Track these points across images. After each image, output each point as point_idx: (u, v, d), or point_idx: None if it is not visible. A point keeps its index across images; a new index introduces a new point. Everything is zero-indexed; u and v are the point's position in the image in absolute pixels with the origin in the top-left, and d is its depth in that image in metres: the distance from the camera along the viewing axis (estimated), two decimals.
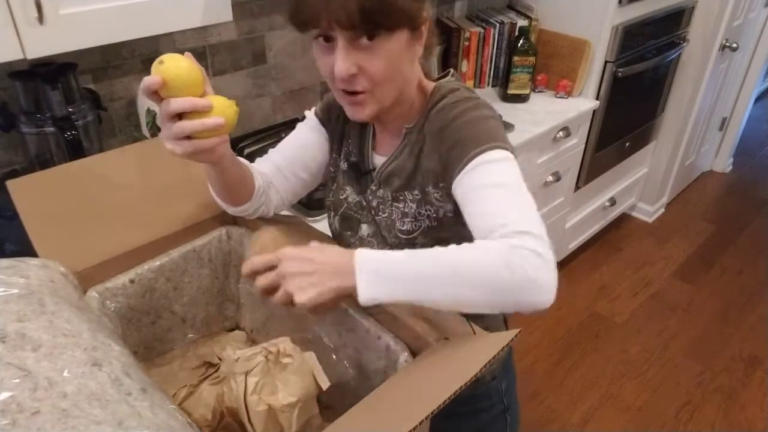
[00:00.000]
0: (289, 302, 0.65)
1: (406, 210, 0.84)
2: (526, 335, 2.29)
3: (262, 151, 1.57)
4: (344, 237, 0.94)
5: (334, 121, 0.94)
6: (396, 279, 0.64)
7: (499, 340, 0.60)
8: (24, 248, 0.77)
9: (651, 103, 2.56)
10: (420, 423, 0.51)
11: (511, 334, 0.60)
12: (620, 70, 2.16)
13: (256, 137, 1.67)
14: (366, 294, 0.63)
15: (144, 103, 1.38)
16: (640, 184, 2.92)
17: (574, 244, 2.63)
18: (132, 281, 0.85)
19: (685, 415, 2.00)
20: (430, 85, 0.84)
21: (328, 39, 0.72)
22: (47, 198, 0.79)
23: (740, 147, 3.51)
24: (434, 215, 0.82)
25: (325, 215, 1.00)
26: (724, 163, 3.47)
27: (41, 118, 1.23)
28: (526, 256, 0.62)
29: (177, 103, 0.67)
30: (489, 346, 0.61)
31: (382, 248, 0.87)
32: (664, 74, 2.51)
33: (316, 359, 0.76)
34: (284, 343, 0.75)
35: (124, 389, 0.56)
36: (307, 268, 0.64)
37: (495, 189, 0.70)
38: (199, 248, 0.93)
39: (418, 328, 0.73)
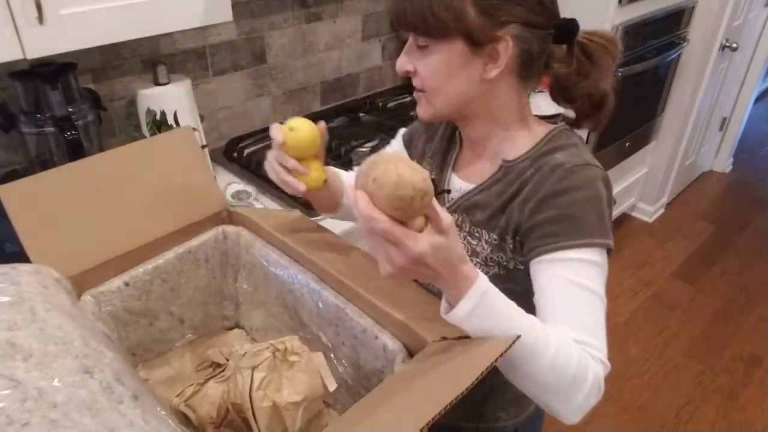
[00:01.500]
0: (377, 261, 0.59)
1: (478, 249, 0.80)
2: None
3: (261, 151, 1.58)
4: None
5: (417, 138, 0.95)
6: (492, 326, 0.61)
7: (498, 344, 0.60)
8: (24, 249, 0.77)
9: (651, 103, 2.56)
10: (421, 429, 0.51)
11: (509, 339, 0.60)
12: (620, 70, 2.16)
13: (255, 137, 1.67)
14: (458, 317, 0.60)
15: (144, 103, 1.38)
16: (640, 184, 2.91)
17: None
18: (127, 284, 0.85)
19: (685, 415, 2.00)
20: (541, 128, 0.80)
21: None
22: (39, 202, 0.79)
23: (740, 147, 3.51)
24: (505, 264, 0.78)
25: (326, 216, 1.00)
26: (724, 163, 3.47)
27: (41, 118, 1.23)
28: (595, 385, 0.63)
29: (286, 161, 0.81)
30: (487, 347, 0.60)
31: None
32: (664, 74, 2.50)
33: (323, 359, 0.76)
34: (292, 341, 0.75)
35: (116, 397, 0.55)
36: (421, 271, 0.57)
37: (587, 296, 0.67)
38: (195, 248, 0.93)
39: (415, 328, 0.73)
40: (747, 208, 3.15)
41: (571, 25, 0.76)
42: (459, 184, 0.85)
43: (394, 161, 0.53)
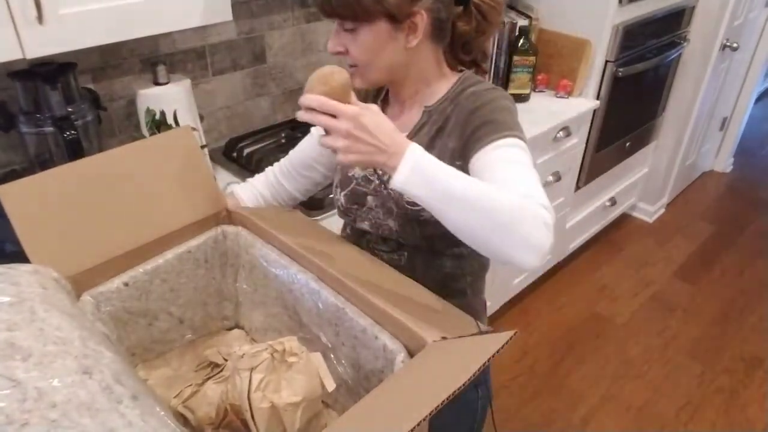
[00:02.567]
0: (331, 149, 0.72)
1: None
2: (527, 335, 2.29)
3: (261, 151, 1.58)
4: (351, 210, 0.99)
5: None
6: (430, 183, 0.70)
7: (495, 341, 0.60)
8: (23, 249, 0.77)
9: (651, 103, 2.56)
10: (418, 424, 0.51)
11: (507, 335, 0.60)
12: (621, 69, 2.16)
13: (255, 137, 1.67)
14: (399, 182, 0.70)
15: (143, 103, 1.38)
16: (641, 184, 2.91)
17: (574, 244, 2.62)
18: (126, 284, 0.85)
19: (686, 416, 2.00)
20: (454, 75, 0.92)
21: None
22: (38, 202, 0.78)
23: (741, 147, 3.51)
24: None
25: (324, 215, 1.02)
26: (724, 163, 3.47)
27: (41, 118, 1.23)
28: (537, 219, 0.69)
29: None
30: (485, 346, 0.61)
31: (387, 218, 0.94)
32: (664, 74, 2.50)
33: (322, 360, 0.76)
34: (291, 342, 0.75)
35: (115, 397, 0.55)
36: (365, 138, 0.70)
37: (518, 165, 0.78)
38: (195, 249, 0.92)
39: (415, 328, 0.73)
40: (747, 209, 3.15)
41: None
42: None
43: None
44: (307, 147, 1.08)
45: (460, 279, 0.98)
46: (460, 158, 0.85)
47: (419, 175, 0.70)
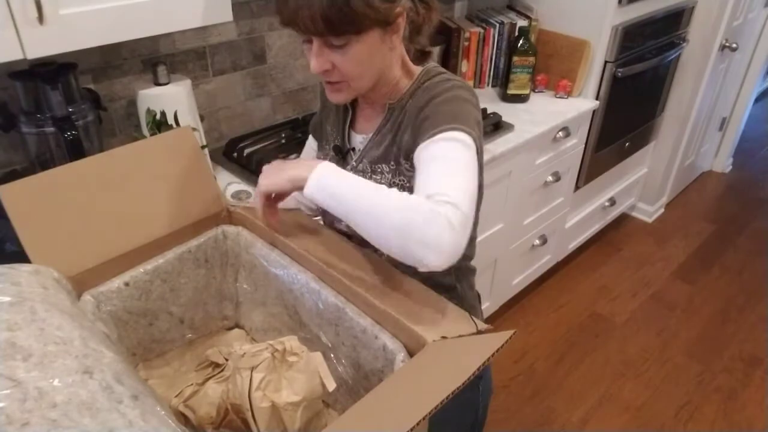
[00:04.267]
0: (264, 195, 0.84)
1: (382, 181, 0.92)
2: (526, 335, 2.29)
3: (261, 151, 1.58)
4: (327, 213, 0.97)
5: (319, 127, 1.06)
6: (334, 194, 0.75)
7: (495, 340, 0.61)
8: (24, 249, 0.77)
9: (651, 103, 2.56)
10: (418, 423, 0.52)
11: (506, 335, 0.60)
12: (620, 70, 2.16)
13: (255, 137, 1.67)
14: (309, 190, 0.76)
15: (144, 103, 1.38)
16: (640, 184, 2.92)
17: (573, 244, 2.63)
18: (127, 284, 0.85)
19: (685, 415, 2.00)
20: (416, 68, 0.92)
21: (309, 40, 0.81)
22: (39, 202, 0.79)
23: (740, 147, 3.51)
24: (407, 185, 0.89)
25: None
26: (723, 163, 3.47)
27: (41, 118, 1.23)
28: (436, 216, 0.69)
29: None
30: (485, 346, 0.61)
31: None
32: (663, 74, 2.51)
33: (322, 359, 0.77)
34: (291, 342, 0.75)
35: (115, 397, 0.55)
36: (278, 165, 0.82)
37: (442, 162, 0.77)
38: (195, 249, 0.93)
39: (415, 327, 0.73)
40: (747, 208, 3.15)
41: None
42: (359, 138, 0.97)
43: None
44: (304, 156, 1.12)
45: (445, 275, 0.98)
46: (412, 151, 0.85)
47: (324, 187, 0.75)
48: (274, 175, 0.80)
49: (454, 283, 1.00)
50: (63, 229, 0.81)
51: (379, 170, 0.92)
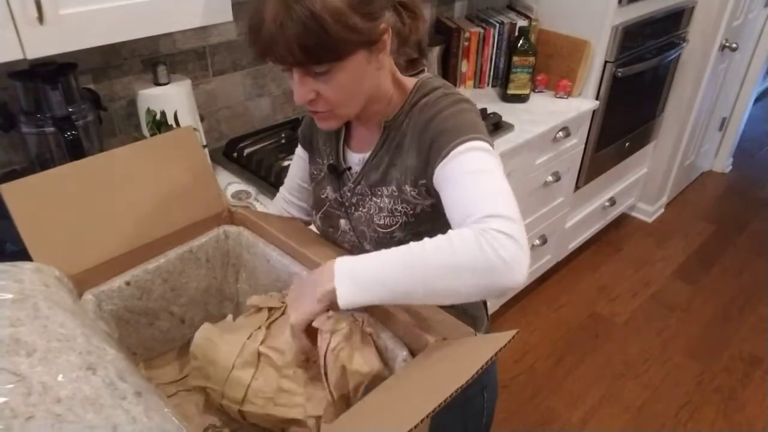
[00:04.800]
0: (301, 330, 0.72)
1: (382, 205, 0.87)
2: (526, 335, 2.29)
3: (261, 152, 1.58)
4: (328, 233, 0.98)
5: (310, 135, 1.00)
6: (372, 282, 0.66)
7: (497, 340, 0.61)
8: (24, 248, 0.77)
9: (651, 103, 2.56)
10: (420, 422, 0.51)
11: (508, 335, 0.60)
12: (620, 70, 2.16)
13: (255, 137, 1.67)
14: (345, 299, 0.66)
15: (144, 104, 1.38)
16: (640, 184, 2.92)
17: (573, 244, 2.63)
18: (128, 283, 0.85)
19: (685, 415, 2.00)
20: (409, 81, 0.86)
21: (290, 68, 0.75)
22: (41, 201, 0.79)
23: (740, 147, 3.51)
24: (411, 212, 0.85)
25: None
26: (723, 163, 3.47)
27: (41, 118, 1.23)
28: (495, 237, 0.64)
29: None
30: (487, 346, 0.61)
31: (362, 242, 0.92)
32: (663, 74, 2.51)
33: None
34: (366, 317, 0.75)
35: (119, 393, 0.55)
36: (298, 288, 0.73)
37: (471, 175, 0.72)
38: (196, 248, 0.93)
39: (417, 328, 0.73)
40: (747, 209, 3.15)
41: None
42: (355, 157, 0.91)
43: None
44: (293, 172, 1.07)
45: None
46: (423, 176, 0.81)
47: (356, 282, 0.67)
48: (300, 304, 0.70)
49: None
50: (65, 228, 0.81)
51: (378, 193, 0.88)
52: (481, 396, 0.99)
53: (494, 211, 0.67)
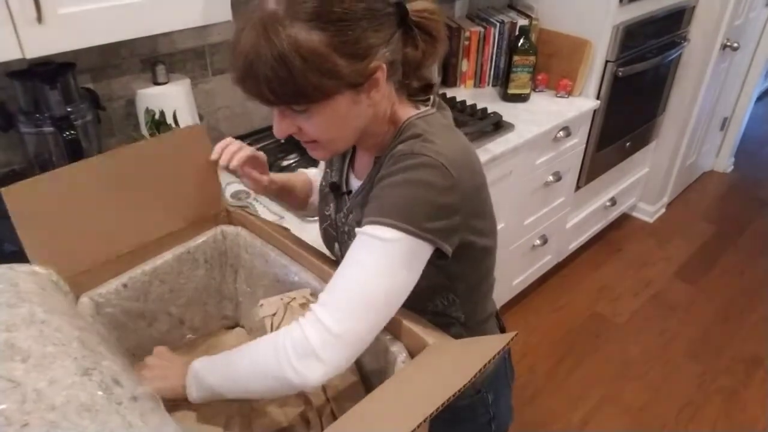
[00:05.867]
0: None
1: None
2: (526, 336, 2.28)
3: (261, 151, 1.57)
4: (328, 249, 0.96)
5: None
6: (208, 386, 0.75)
7: (496, 342, 0.60)
8: (22, 248, 0.77)
9: (652, 103, 2.56)
10: (419, 425, 0.51)
11: (507, 337, 0.60)
12: (621, 69, 2.16)
13: (255, 137, 1.67)
14: (191, 397, 0.76)
15: (143, 103, 1.38)
16: (641, 184, 2.91)
17: (574, 244, 2.62)
18: (125, 285, 0.85)
19: (686, 416, 1.99)
20: (405, 114, 0.78)
21: None
22: (41, 204, 0.78)
23: (741, 147, 3.50)
24: None
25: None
26: (725, 163, 3.46)
27: (40, 118, 1.22)
28: (287, 348, 0.67)
29: None
30: (486, 347, 0.60)
31: None
32: (664, 74, 2.50)
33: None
34: (305, 293, 0.80)
35: (115, 398, 0.55)
36: (164, 366, 0.82)
37: (351, 260, 0.69)
38: (194, 249, 0.92)
39: (416, 329, 0.72)
40: (748, 209, 3.15)
41: (400, 9, 0.71)
42: (355, 182, 0.87)
43: None
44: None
45: (451, 326, 0.87)
46: None
47: (199, 384, 0.75)
48: (156, 381, 0.78)
49: (461, 333, 0.89)
50: (63, 230, 0.80)
51: (354, 234, 0.77)
52: (487, 414, 0.95)
53: (328, 303, 0.67)
